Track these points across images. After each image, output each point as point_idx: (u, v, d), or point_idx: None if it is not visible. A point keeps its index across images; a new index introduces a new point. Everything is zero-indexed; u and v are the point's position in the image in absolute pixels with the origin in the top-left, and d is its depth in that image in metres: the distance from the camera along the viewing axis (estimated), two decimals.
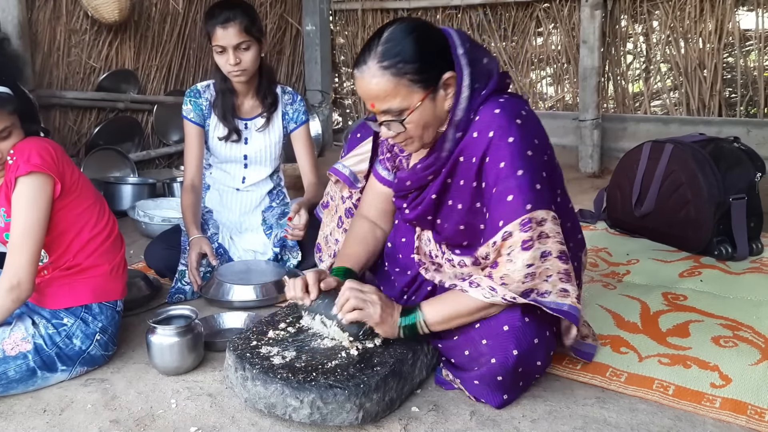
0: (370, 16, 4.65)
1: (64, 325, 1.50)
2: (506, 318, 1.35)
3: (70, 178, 1.50)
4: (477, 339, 1.38)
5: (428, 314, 1.39)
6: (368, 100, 1.36)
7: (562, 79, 4.17)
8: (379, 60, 1.31)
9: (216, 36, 2.05)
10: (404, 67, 1.31)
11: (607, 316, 1.78)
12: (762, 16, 3.47)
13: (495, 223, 1.32)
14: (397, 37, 1.32)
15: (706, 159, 2.27)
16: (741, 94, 3.61)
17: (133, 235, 2.70)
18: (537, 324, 1.36)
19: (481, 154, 1.35)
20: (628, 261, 2.26)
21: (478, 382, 1.36)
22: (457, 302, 1.38)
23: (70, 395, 1.47)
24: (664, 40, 3.75)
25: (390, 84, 1.31)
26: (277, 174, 2.38)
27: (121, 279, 1.62)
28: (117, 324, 1.60)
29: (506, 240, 1.30)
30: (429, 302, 1.42)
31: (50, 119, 3.37)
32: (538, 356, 1.36)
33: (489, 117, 1.35)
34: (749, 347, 1.59)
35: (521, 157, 1.32)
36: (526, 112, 1.37)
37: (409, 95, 1.33)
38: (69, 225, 1.51)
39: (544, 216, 1.31)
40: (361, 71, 1.33)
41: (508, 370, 1.33)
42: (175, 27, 3.90)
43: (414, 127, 1.36)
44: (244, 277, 1.98)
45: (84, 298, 1.52)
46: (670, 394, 1.40)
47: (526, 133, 1.34)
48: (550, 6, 4.02)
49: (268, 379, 1.30)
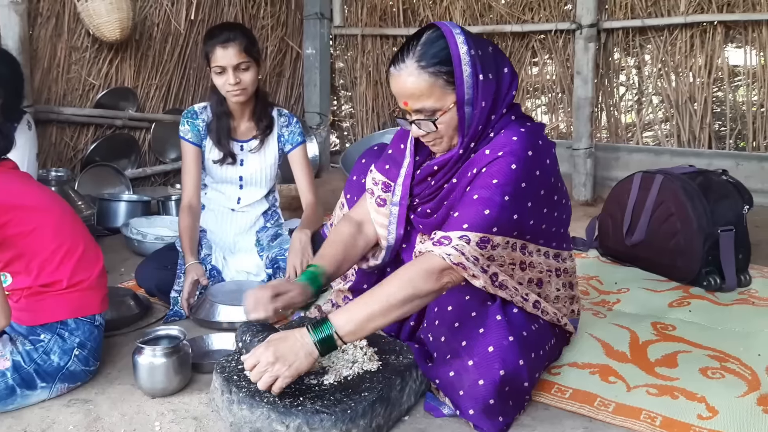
0: (370, 41, 4.72)
1: (41, 341, 1.48)
2: (492, 338, 1.36)
3: (6, 202, 1.44)
4: (465, 358, 1.37)
5: (339, 324, 1.30)
6: (402, 98, 1.41)
7: (557, 108, 4.22)
8: (418, 59, 1.37)
9: (216, 56, 2.08)
10: (441, 69, 1.36)
11: (597, 344, 1.78)
12: (750, 53, 3.56)
13: (459, 222, 1.35)
14: (436, 40, 1.37)
15: (696, 191, 2.30)
16: (730, 127, 3.67)
17: (124, 252, 2.70)
18: (521, 345, 1.37)
19: (483, 165, 1.40)
20: (619, 290, 2.27)
21: (473, 411, 1.35)
22: (367, 304, 1.33)
23: (52, 416, 1.45)
24: (656, 73, 3.82)
25: (426, 84, 1.37)
26: (273, 195, 2.40)
27: (99, 293, 1.59)
28: (97, 339, 1.58)
29: (462, 240, 1.33)
30: (337, 312, 1.35)
31: (46, 135, 3.39)
32: (523, 377, 1.37)
33: (506, 140, 1.40)
34: (736, 379, 1.59)
35: (514, 185, 1.36)
36: (542, 142, 1.43)
37: (443, 96, 1.38)
38: (22, 247, 1.47)
39: (499, 242, 1.36)
40: (398, 69, 1.39)
41: (496, 390, 1.33)
42: (176, 47, 3.94)
43: (445, 128, 1.41)
44: (235, 298, 1.97)
45: (59, 313, 1.50)
46: (657, 425, 1.40)
47: (531, 165, 1.39)
48: (545, 37, 4.09)
49: (254, 402, 1.30)
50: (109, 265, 2.35)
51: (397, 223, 1.62)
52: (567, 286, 1.62)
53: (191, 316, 1.97)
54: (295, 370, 1.28)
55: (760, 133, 3.59)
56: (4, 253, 1.46)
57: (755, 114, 3.59)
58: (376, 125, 4.81)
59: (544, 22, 4.04)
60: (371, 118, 4.84)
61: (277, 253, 2.18)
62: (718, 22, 3.56)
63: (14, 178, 1.52)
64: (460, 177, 1.47)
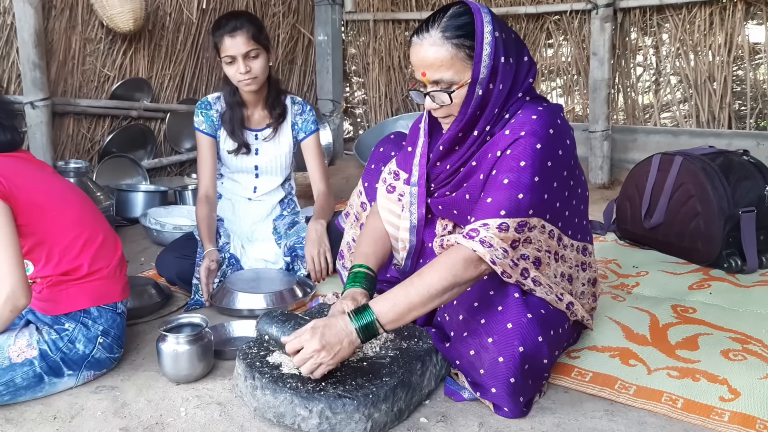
0: (382, 26, 4.69)
1: (66, 330, 1.51)
2: (511, 316, 1.37)
3: (27, 191, 1.47)
4: (483, 336, 1.38)
5: (380, 313, 1.32)
6: (421, 68, 1.40)
7: (573, 91, 4.18)
8: (443, 30, 1.37)
9: (224, 46, 2.08)
10: (465, 42, 1.36)
11: (617, 328, 1.78)
12: None
13: (495, 208, 1.35)
14: (463, 14, 1.38)
15: (716, 172, 2.27)
16: (751, 106, 3.60)
17: (144, 242, 2.73)
18: (540, 322, 1.38)
19: (505, 147, 1.39)
20: (638, 273, 2.26)
21: (495, 390, 1.36)
22: (407, 295, 1.33)
23: (81, 402, 1.48)
24: (674, 52, 3.76)
25: (448, 54, 1.37)
26: (289, 183, 2.40)
27: (120, 281, 1.62)
28: (120, 326, 1.61)
29: (499, 229, 1.34)
30: (377, 300, 1.35)
31: (64, 127, 3.42)
32: (543, 354, 1.37)
33: (525, 119, 1.39)
34: (759, 361, 1.58)
35: (542, 165, 1.37)
36: (561, 121, 1.43)
37: (463, 70, 1.38)
38: (43, 235, 1.50)
39: (535, 224, 1.38)
40: (421, 38, 1.39)
41: (516, 367, 1.33)
42: (188, 37, 3.95)
43: (458, 102, 1.41)
44: (254, 286, 2.00)
45: (81, 302, 1.53)
46: (678, 408, 1.40)
47: (554, 144, 1.39)
48: (560, 18, 4.03)
49: (277, 388, 1.31)
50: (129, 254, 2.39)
51: (417, 203, 1.62)
52: (590, 282, 1.62)
53: (212, 303, 1.99)
54: (340, 358, 1.30)
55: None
56: (25, 240, 1.48)
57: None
58: (390, 111, 4.79)
59: (559, 3, 3.97)
60: (384, 104, 4.82)
61: (295, 241, 2.19)
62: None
63: (32, 167, 1.55)
64: (480, 159, 1.46)
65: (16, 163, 1.51)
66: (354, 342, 1.31)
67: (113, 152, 3.48)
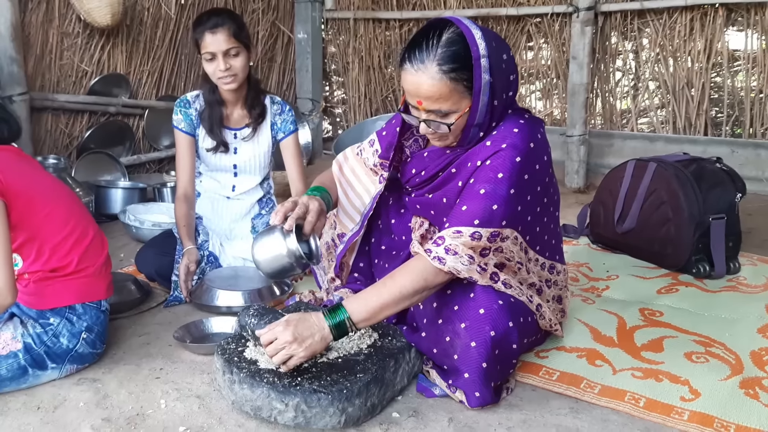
0: (362, 25, 4.69)
1: (51, 324, 1.53)
2: (482, 302, 1.41)
3: (21, 186, 1.48)
4: (456, 322, 1.42)
5: (353, 311, 1.37)
6: (417, 97, 1.39)
7: (551, 94, 4.23)
8: (439, 63, 1.34)
9: (205, 42, 2.09)
10: (462, 75, 1.35)
11: (585, 329, 1.83)
12: (751, 37, 3.53)
13: (469, 217, 1.38)
14: (457, 41, 1.35)
15: (688, 179, 2.32)
16: (727, 113, 3.67)
17: (123, 239, 2.72)
18: (510, 309, 1.43)
19: (486, 157, 1.42)
20: (608, 276, 2.32)
21: (468, 375, 1.40)
22: (380, 295, 1.38)
23: (64, 393, 1.51)
24: (654, 58, 3.81)
25: (447, 89, 1.36)
26: (267, 182, 2.42)
27: (105, 279, 1.64)
28: (103, 323, 1.63)
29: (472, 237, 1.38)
30: (350, 300, 1.40)
31: (42, 122, 3.39)
32: (513, 339, 1.42)
33: (507, 132, 1.42)
34: (720, 363, 1.64)
35: (519, 178, 1.40)
36: (540, 136, 1.46)
37: (461, 100, 1.39)
38: (35, 230, 1.51)
39: (508, 234, 1.41)
40: (416, 68, 1.36)
41: (488, 352, 1.37)
42: (167, 32, 3.92)
43: (456, 128, 1.43)
44: (233, 283, 2.02)
45: (67, 299, 1.55)
46: (641, 407, 1.45)
47: (533, 158, 1.42)
48: (541, 21, 4.07)
49: (254, 382, 1.35)
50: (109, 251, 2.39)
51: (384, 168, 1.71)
52: (555, 299, 1.68)
53: (191, 300, 2.01)
54: (311, 351, 1.34)
55: (757, 120, 3.58)
56: (16, 234, 1.49)
57: (753, 100, 3.58)
58: (369, 111, 4.80)
59: (541, 5, 4.00)
60: (364, 104, 4.83)
61: None
62: (720, 3, 3.50)
63: (24, 163, 1.55)
64: (459, 167, 1.49)
65: (10, 158, 1.51)
66: (326, 337, 1.36)
67: (92, 148, 3.46)
